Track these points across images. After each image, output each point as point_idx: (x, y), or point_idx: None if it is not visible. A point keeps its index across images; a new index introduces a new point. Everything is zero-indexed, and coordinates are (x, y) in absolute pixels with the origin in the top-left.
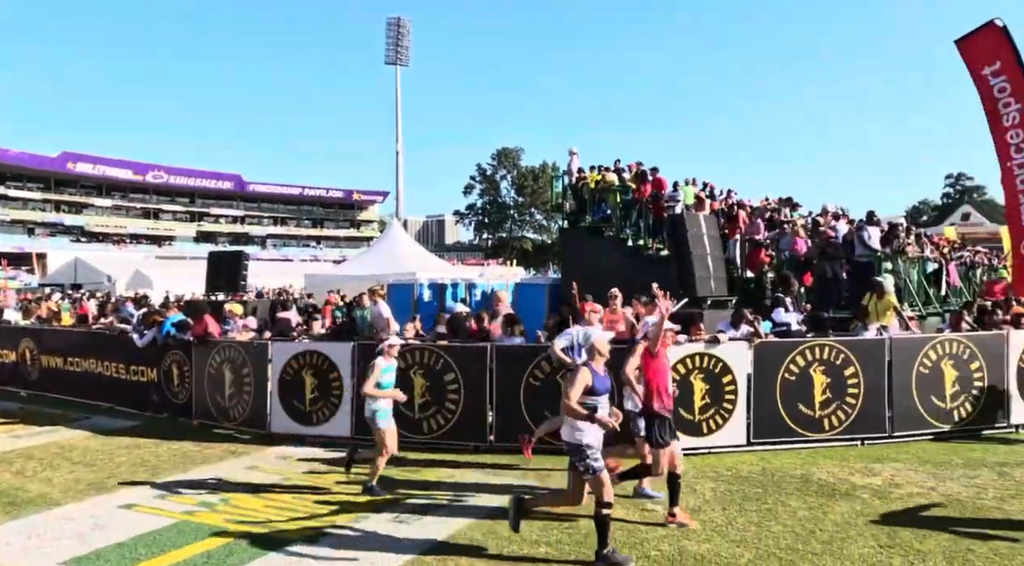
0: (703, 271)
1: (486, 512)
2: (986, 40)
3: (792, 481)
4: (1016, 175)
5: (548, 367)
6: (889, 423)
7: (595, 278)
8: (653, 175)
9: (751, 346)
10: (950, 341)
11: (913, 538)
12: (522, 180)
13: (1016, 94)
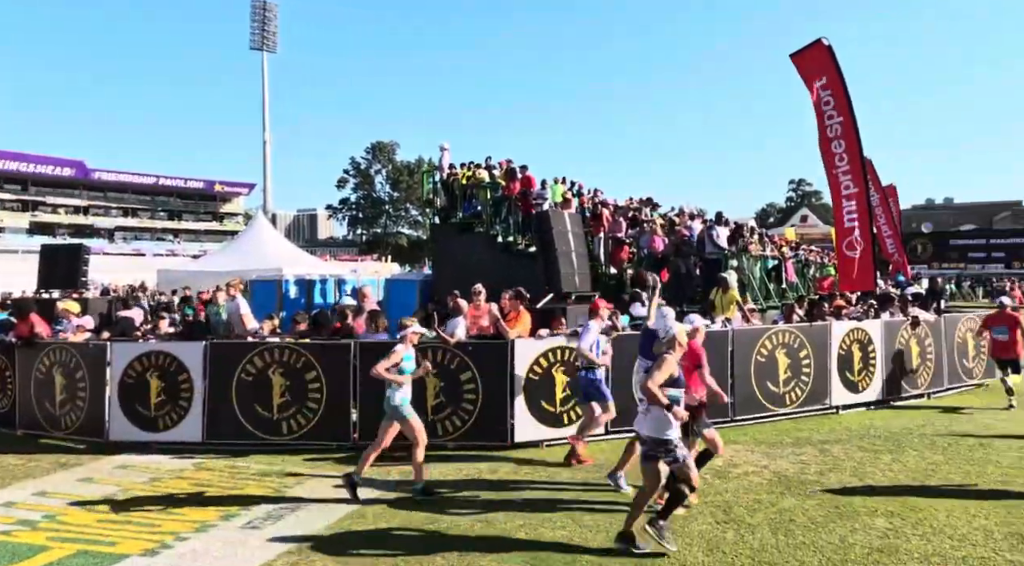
0: (568, 267)
1: (344, 513)
2: (815, 56)
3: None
4: (840, 181)
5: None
6: (731, 408)
7: (466, 274)
8: (523, 173)
9: (608, 340)
10: (783, 332)
11: (745, 512)
12: (397, 175)
13: (839, 108)
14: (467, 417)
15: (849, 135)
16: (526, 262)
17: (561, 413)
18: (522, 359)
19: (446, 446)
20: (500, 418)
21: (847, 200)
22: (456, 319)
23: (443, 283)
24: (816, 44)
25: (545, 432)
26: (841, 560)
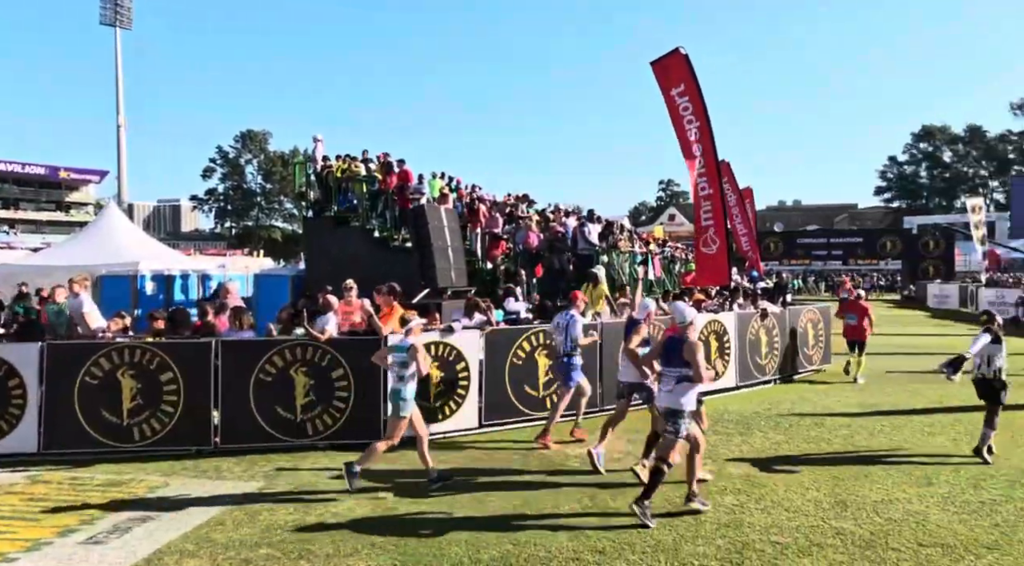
0: (443, 262)
1: (201, 521)
2: (673, 64)
3: (516, 458)
4: (698, 183)
5: (281, 361)
6: (600, 398)
7: (341, 269)
8: (400, 167)
9: (483, 334)
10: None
11: (608, 497)
12: (270, 165)
13: (696, 113)
14: (339, 415)
15: (705, 139)
16: (402, 257)
17: (436, 408)
18: None
19: (316, 446)
20: (374, 415)
21: (704, 200)
22: (327, 315)
23: (316, 278)
24: (674, 53)
25: None
26: (692, 536)
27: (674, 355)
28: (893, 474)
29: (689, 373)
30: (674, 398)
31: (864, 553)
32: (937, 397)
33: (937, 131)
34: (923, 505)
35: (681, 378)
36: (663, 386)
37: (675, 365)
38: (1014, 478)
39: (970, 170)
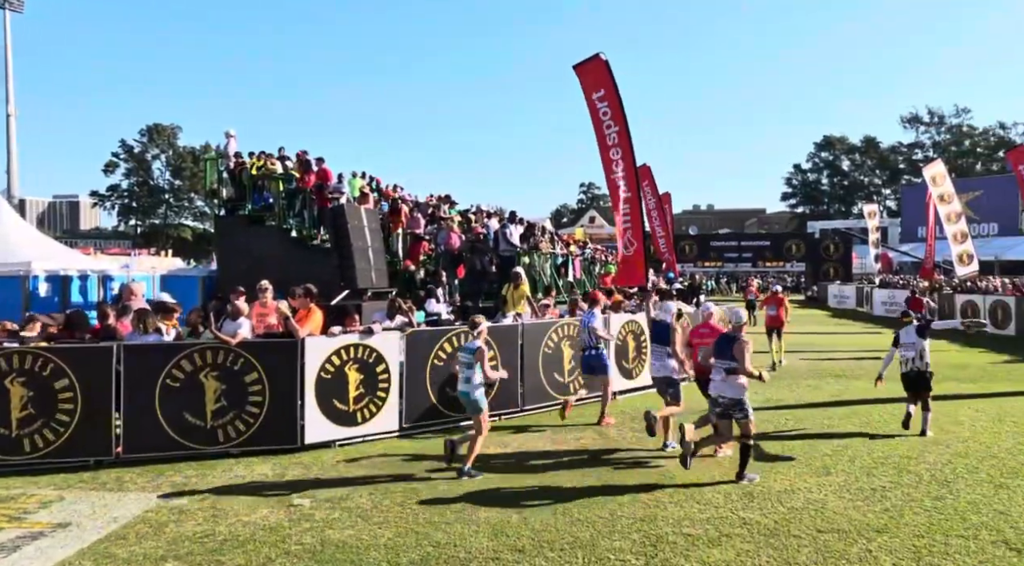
0: (364, 263)
1: (100, 535)
2: (594, 69)
3: (438, 460)
4: (618, 186)
5: (190, 366)
6: (521, 398)
7: (256, 269)
8: (319, 165)
9: (404, 335)
10: (567, 325)
11: (529, 496)
12: (179, 161)
13: (615, 118)
14: (253, 421)
15: (624, 143)
16: (321, 257)
17: (355, 411)
18: (313, 358)
19: (229, 453)
20: (289, 419)
21: (623, 203)
22: (240, 318)
23: (229, 279)
24: (595, 58)
25: (338, 432)
26: (609, 531)
27: (725, 350)
28: (795, 465)
29: (735, 365)
30: (732, 389)
31: (769, 541)
32: (836, 392)
33: (837, 141)
34: (822, 493)
35: (730, 370)
36: (715, 376)
37: (725, 358)
38: (902, 466)
39: (866, 178)
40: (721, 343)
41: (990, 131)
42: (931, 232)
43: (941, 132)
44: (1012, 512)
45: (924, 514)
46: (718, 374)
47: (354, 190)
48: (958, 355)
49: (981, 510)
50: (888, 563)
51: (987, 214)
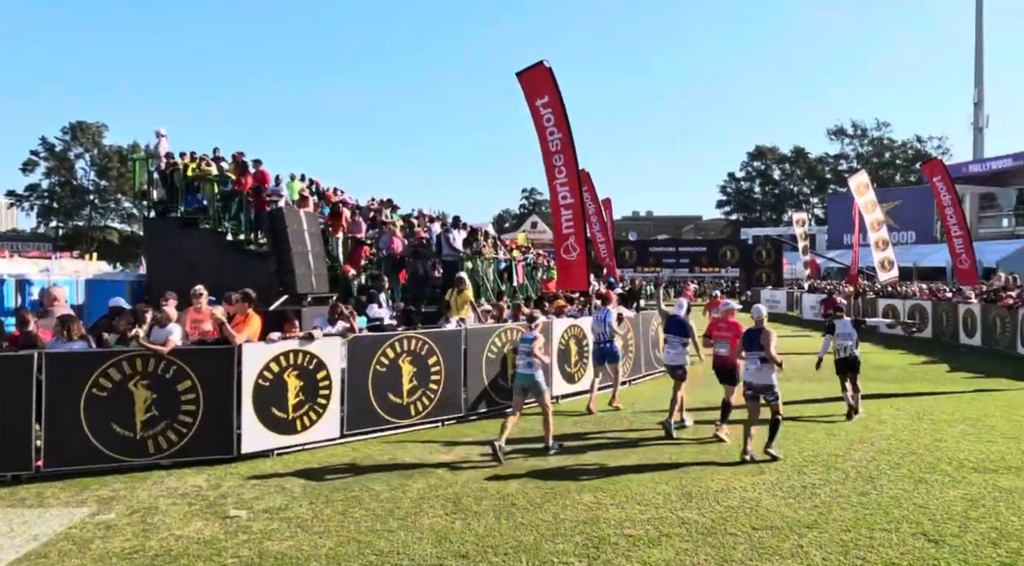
0: (303, 268)
1: (18, 556)
2: (537, 76)
3: (380, 467)
4: (559, 192)
5: (118, 374)
6: (464, 404)
7: (188, 274)
8: (256, 167)
9: (345, 341)
10: (510, 330)
11: (473, 502)
12: (105, 161)
13: (558, 125)
14: (186, 430)
15: (567, 150)
16: (258, 262)
17: (294, 419)
18: (251, 365)
19: (160, 464)
20: (225, 428)
21: (564, 209)
22: (169, 324)
23: (160, 283)
24: (538, 65)
25: (277, 440)
26: (552, 535)
27: (755, 341)
28: (731, 465)
29: (763, 355)
30: (763, 376)
31: (706, 539)
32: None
33: (768, 151)
34: (756, 492)
35: (763, 360)
36: (749, 365)
37: (755, 350)
38: (830, 463)
39: (795, 187)
40: (749, 337)
41: (908, 144)
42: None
43: (864, 144)
44: (930, 505)
45: (851, 509)
46: (752, 364)
47: (293, 193)
48: (880, 356)
49: (902, 504)
50: (818, 557)
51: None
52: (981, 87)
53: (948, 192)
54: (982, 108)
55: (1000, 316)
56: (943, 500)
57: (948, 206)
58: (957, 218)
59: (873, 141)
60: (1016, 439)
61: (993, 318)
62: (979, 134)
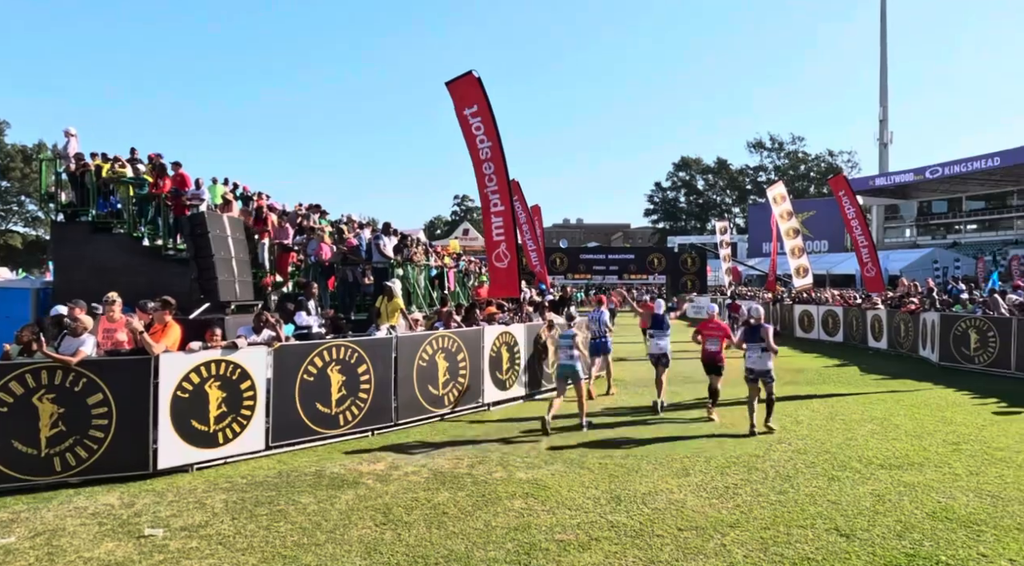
0: (226, 274)
1: None
2: (466, 86)
3: (307, 479)
4: (489, 199)
5: (20, 388)
6: (395, 412)
7: (101, 280)
8: (175, 170)
9: (271, 350)
10: (443, 337)
11: (403, 512)
12: (7, 161)
13: (488, 134)
14: (97, 446)
15: (497, 158)
16: (177, 269)
17: (216, 432)
18: (169, 376)
19: (67, 483)
20: (140, 443)
21: (495, 216)
22: (85, 334)
23: (69, 291)
24: (467, 75)
25: (197, 454)
26: (484, 542)
27: (755, 335)
28: (658, 468)
29: (764, 345)
30: (763, 363)
31: (635, 542)
32: (693, 396)
33: (693, 162)
34: (682, 494)
35: (764, 349)
36: (751, 354)
37: (755, 341)
38: (751, 464)
39: (718, 197)
40: (750, 331)
41: (821, 158)
42: (774, 248)
43: (781, 157)
44: (842, 502)
45: (770, 508)
46: (754, 353)
47: (216, 197)
48: (797, 360)
49: (817, 501)
50: (740, 555)
51: (819, 232)
52: (886, 105)
53: (852, 206)
54: (887, 125)
55: (904, 321)
56: (853, 496)
57: (853, 218)
58: (862, 229)
59: (789, 154)
60: (919, 437)
61: (897, 323)
62: (884, 149)
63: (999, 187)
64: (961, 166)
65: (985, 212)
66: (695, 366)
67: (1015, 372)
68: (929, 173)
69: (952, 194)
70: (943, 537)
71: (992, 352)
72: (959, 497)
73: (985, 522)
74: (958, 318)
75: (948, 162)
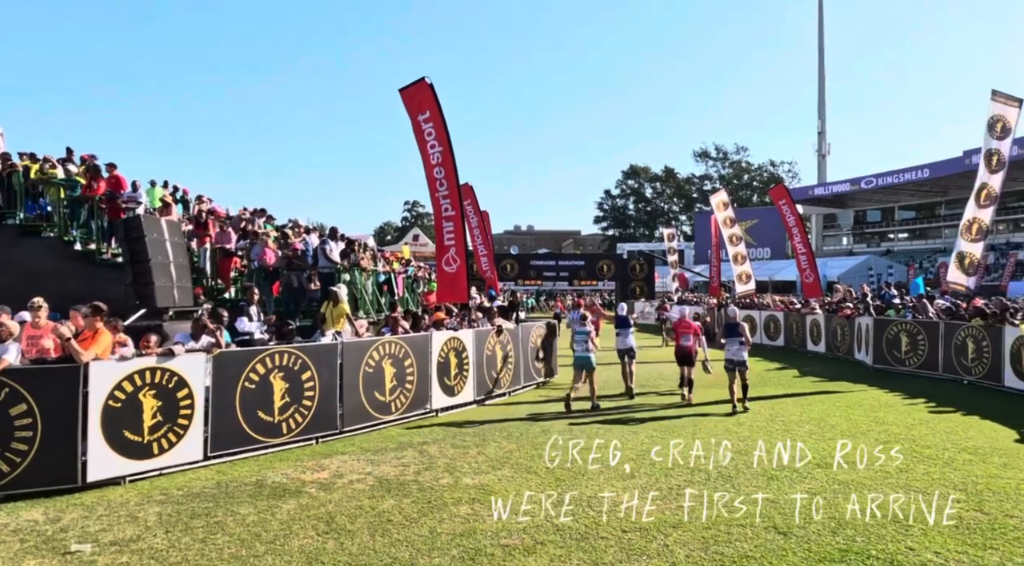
0: (164, 280)
1: None
2: (419, 92)
3: (247, 489)
4: (440, 204)
5: None
6: (340, 420)
7: (28, 285)
8: (110, 171)
9: (210, 357)
10: (390, 342)
11: (347, 520)
12: None
13: (439, 139)
14: (19, 459)
15: (448, 164)
16: (112, 273)
17: (151, 442)
18: (99, 385)
19: None
20: (68, 455)
21: (446, 221)
22: (9, 341)
23: None
24: (420, 82)
25: (130, 466)
26: (428, 549)
27: (734, 331)
28: (604, 471)
29: (742, 340)
30: (741, 355)
31: (580, 545)
32: (638, 402)
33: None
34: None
35: (741, 343)
36: (731, 347)
37: (734, 336)
38: (695, 465)
39: (666, 205)
40: (730, 327)
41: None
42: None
43: (725, 166)
44: (780, 500)
45: (712, 508)
46: (733, 346)
47: (154, 200)
48: None
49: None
50: (682, 555)
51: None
52: (824, 118)
53: (792, 215)
54: (825, 137)
55: (840, 325)
56: (791, 495)
57: (793, 227)
58: (801, 237)
59: (733, 164)
60: (853, 437)
61: (834, 327)
62: (822, 160)
63: (928, 198)
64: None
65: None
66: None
67: (942, 373)
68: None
69: (885, 204)
70: (874, 532)
71: (922, 355)
72: (889, 494)
73: (915, 518)
74: (890, 322)
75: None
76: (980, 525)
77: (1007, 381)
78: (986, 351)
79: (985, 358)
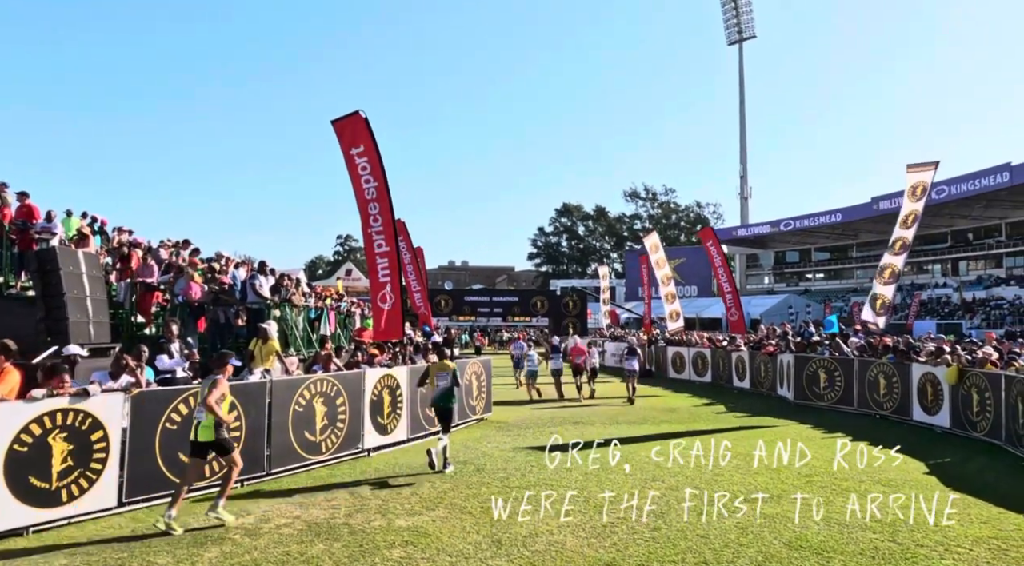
0: (80, 315)
1: None
2: (353, 125)
3: (164, 537)
4: (374, 240)
5: None
6: (268, 461)
7: None
8: (22, 200)
9: (128, 397)
10: (321, 380)
11: (257, 551)
12: None
13: (374, 174)
14: None
15: (383, 199)
16: (21, 308)
17: (59, 489)
18: (4, 428)
19: None
20: None
21: (380, 257)
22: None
23: None
24: (354, 115)
25: (35, 515)
26: None
27: (634, 354)
28: (538, 511)
29: (639, 358)
30: (634, 367)
31: None
32: (574, 436)
33: (574, 209)
34: (561, 535)
35: (638, 362)
36: (628, 364)
37: (633, 357)
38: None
39: (598, 243)
40: (631, 351)
41: (690, 208)
42: (647, 292)
43: (654, 207)
44: (710, 535)
45: (644, 544)
46: (630, 364)
47: (70, 230)
48: (670, 399)
49: (687, 536)
50: None
51: (690, 278)
52: (745, 162)
53: (718, 255)
54: (746, 180)
55: (764, 362)
56: (720, 529)
57: (719, 266)
58: (727, 276)
59: (662, 204)
60: (776, 471)
61: (758, 363)
62: (744, 203)
63: (841, 240)
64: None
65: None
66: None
67: (857, 408)
68: (783, 226)
69: (803, 245)
70: (798, 564)
71: (839, 390)
72: (812, 526)
73: (834, 549)
74: (809, 359)
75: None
76: (894, 555)
77: (915, 415)
78: (896, 387)
79: (895, 393)
